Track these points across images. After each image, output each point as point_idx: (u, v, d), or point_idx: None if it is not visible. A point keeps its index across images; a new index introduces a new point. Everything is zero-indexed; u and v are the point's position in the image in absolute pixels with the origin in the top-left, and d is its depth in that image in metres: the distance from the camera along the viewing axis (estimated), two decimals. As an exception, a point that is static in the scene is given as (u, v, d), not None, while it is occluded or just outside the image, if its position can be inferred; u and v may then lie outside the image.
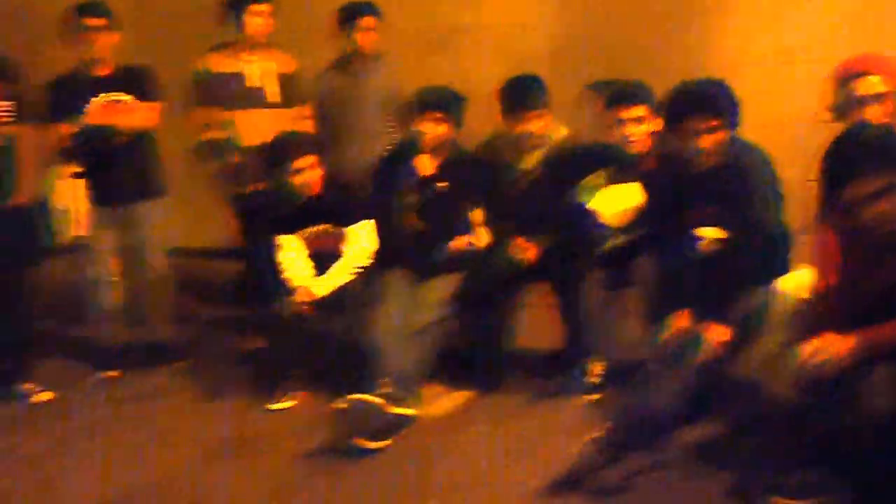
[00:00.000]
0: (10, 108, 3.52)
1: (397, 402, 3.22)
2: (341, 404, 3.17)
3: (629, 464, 2.86)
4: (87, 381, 3.90)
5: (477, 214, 3.66)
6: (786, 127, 4.02)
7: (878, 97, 2.96)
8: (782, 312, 2.77)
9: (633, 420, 3.05)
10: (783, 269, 2.95)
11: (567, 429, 3.21)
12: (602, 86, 3.68)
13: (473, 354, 3.68)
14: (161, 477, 3.03)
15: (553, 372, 3.63)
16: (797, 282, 2.76)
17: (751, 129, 3.11)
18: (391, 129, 4.17)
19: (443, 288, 3.55)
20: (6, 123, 3.52)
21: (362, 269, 3.58)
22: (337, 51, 4.25)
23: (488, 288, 3.54)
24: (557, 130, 3.64)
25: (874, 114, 2.93)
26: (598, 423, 3.16)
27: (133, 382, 3.88)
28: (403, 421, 3.21)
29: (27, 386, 3.73)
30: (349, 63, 4.23)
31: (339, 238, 3.61)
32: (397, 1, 4.43)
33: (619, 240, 3.42)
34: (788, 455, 2.60)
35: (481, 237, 3.64)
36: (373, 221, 3.61)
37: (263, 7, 3.97)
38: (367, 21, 4.12)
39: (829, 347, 2.32)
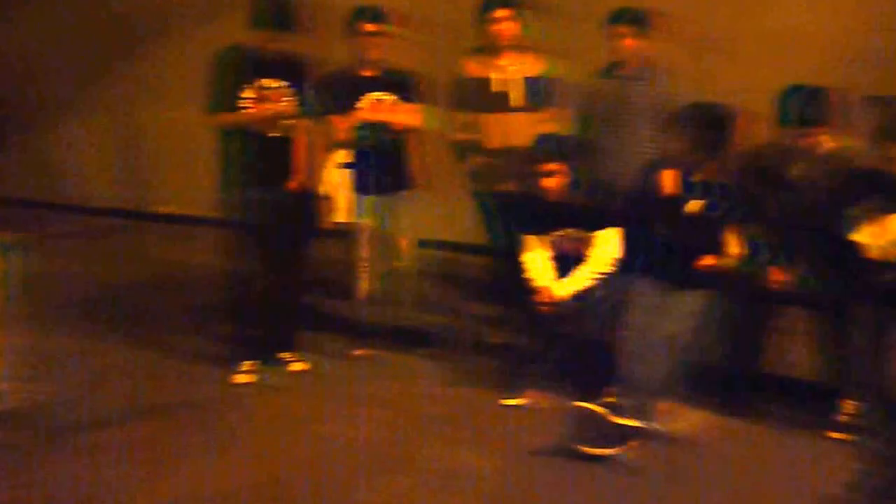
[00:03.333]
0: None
1: (625, 412, 3.16)
2: (568, 408, 3.18)
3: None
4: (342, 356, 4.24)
5: (732, 233, 3.48)
6: None
7: None
8: None
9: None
10: None
11: (817, 466, 3.07)
12: (881, 101, 3.33)
13: (724, 373, 3.53)
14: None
15: (804, 402, 3.45)
16: None
17: None
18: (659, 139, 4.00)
19: (692, 302, 3.41)
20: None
21: (604, 276, 3.55)
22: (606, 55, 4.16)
23: (743, 308, 3.43)
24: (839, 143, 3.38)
25: None
26: (851, 464, 2.94)
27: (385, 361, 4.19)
28: (628, 432, 3.14)
29: (285, 355, 4.13)
30: (617, 68, 4.13)
31: (585, 242, 3.60)
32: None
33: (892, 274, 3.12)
34: None
35: (733, 256, 3.47)
36: (620, 229, 3.55)
37: (504, 13, 4.03)
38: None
39: None
